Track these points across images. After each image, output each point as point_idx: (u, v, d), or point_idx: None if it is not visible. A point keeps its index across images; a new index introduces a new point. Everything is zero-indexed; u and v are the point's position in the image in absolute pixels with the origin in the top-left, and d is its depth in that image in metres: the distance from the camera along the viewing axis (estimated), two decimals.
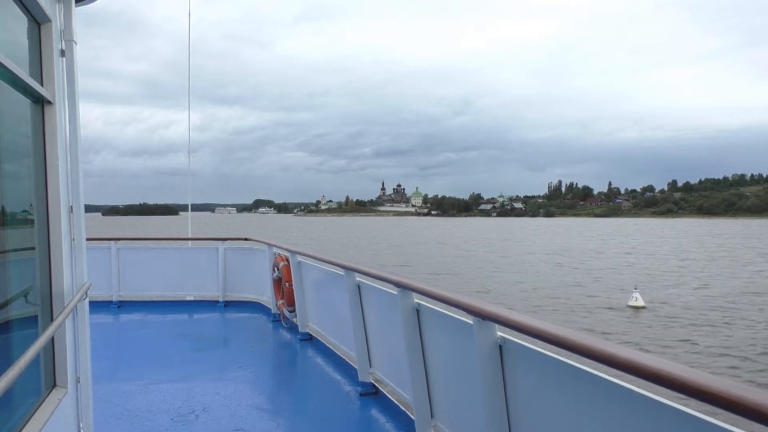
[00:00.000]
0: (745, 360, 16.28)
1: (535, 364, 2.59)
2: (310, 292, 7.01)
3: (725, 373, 14.78)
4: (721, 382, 1.49)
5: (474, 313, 2.82)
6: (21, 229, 2.62)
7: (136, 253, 9.71)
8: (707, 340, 18.61)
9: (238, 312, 9.00)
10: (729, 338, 18.84)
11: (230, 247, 9.56)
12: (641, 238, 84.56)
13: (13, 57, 2.26)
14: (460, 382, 3.37)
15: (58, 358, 2.81)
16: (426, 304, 3.76)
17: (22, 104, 2.56)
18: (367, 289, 5.00)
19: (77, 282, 3.00)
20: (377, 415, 4.60)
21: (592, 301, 26.07)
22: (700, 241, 74.68)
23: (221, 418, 4.45)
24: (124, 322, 8.59)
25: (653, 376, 1.67)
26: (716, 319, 21.97)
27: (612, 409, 2.12)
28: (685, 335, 19.37)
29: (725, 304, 25.12)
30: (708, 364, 15.73)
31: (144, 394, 4.96)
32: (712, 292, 28.65)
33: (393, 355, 4.47)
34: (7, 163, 2.41)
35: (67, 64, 2.92)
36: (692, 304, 25.11)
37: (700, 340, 18.66)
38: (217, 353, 6.83)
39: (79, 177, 2.97)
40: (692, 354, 17.05)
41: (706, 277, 35.02)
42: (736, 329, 20.11)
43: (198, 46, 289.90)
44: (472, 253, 55.02)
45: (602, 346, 1.95)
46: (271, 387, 5.63)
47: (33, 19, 2.66)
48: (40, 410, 2.51)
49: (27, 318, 2.65)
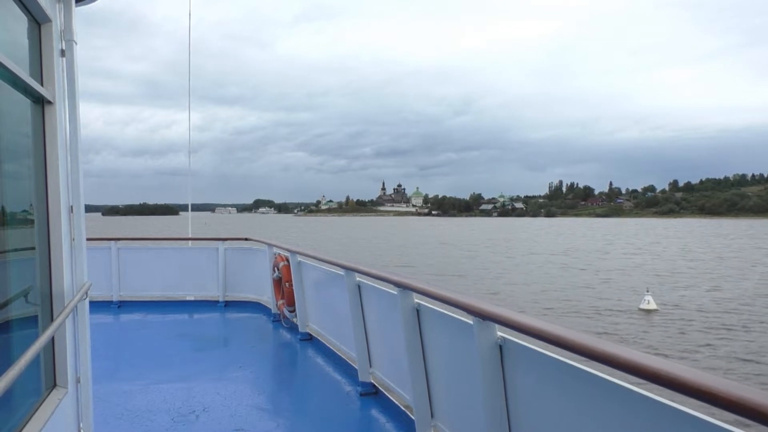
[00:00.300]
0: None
1: (535, 364, 2.59)
2: (311, 292, 7.01)
3: (753, 381, 14.18)
4: (721, 382, 1.49)
5: (474, 313, 2.82)
6: (21, 229, 2.63)
7: (137, 253, 9.71)
8: (727, 345, 18.11)
9: (239, 312, 9.01)
10: (750, 342, 18.29)
11: (230, 247, 9.59)
12: (646, 238, 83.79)
13: (13, 57, 2.28)
14: (460, 383, 3.37)
15: (59, 358, 2.82)
16: (426, 304, 3.77)
17: (23, 104, 2.57)
18: (367, 289, 5.01)
19: (77, 282, 3.02)
20: (377, 415, 4.61)
21: (603, 304, 25.76)
22: (706, 242, 74.39)
23: (221, 418, 4.46)
24: (124, 322, 8.59)
25: (653, 376, 1.66)
26: (733, 322, 21.53)
27: (612, 410, 2.11)
28: (703, 340, 18.86)
29: (740, 307, 24.77)
30: (734, 370, 15.18)
31: (144, 394, 4.97)
32: (724, 294, 28.29)
33: (393, 355, 4.49)
34: (8, 163, 2.43)
35: (68, 64, 2.93)
36: (706, 307, 24.75)
37: (720, 345, 18.12)
38: (217, 353, 6.81)
39: (79, 177, 2.99)
40: (714, 359, 16.53)
41: (717, 279, 34.69)
42: (756, 334, 19.56)
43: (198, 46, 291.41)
44: (477, 254, 54.36)
45: (602, 346, 1.94)
46: (272, 387, 5.64)
47: (33, 19, 2.67)
48: (40, 410, 2.52)
49: (27, 318, 2.67)
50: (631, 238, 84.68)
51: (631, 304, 25.08)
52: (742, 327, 20.69)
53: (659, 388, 1.67)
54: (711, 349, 17.67)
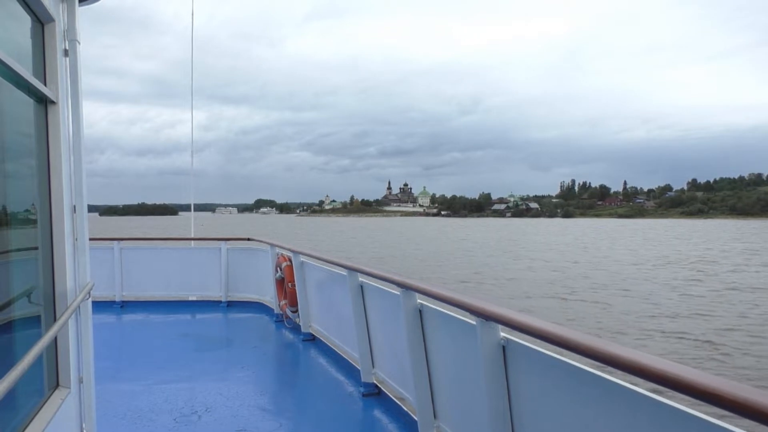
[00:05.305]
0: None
1: (538, 365, 2.59)
2: (313, 293, 7.02)
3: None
4: (726, 384, 1.48)
5: (477, 314, 2.81)
6: (24, 228, 2.63)
7: (139, 253, 9.74)
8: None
9: (241, 312, 9.04)
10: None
11: (233, 247, 9.61)
12: (701, 243, 65.23)
13: (16, 57, 2.28)
14: (463, 383, 3.37)
15: (61, 358, 2.83)
16: (429, 304, 3.77)
17: (26, 104, 2.58)
18: (369, 290, 5.01)
19: (80, 282, 3.02)
20: (380, 415, 4.61)
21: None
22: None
23: (224, 418, 4.47)
24: (127, 322, 8.60)
25: (657, 377, 1.65)
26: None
27: (616, 411, 2.11)
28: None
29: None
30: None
31: (147, 395, 4.97)
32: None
33: (396, 355, 4.49)
34: (11, 162, 2.43)
35: (71, 64, 2.93)
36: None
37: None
38: (219, 353, 6.83)
39: (82, 177, 2.99)
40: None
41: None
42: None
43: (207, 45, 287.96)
44: (532, 261, 40.97)
45: (606, 347, 1.94)
46: (274, 387, 5.65)
47: (36, 19, 2.68)
48: (43, 410, 2.52)
49: (30, 318, 2.67)
50: (686, 241, 67.40)
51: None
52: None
53: (663, 390, 1.67)
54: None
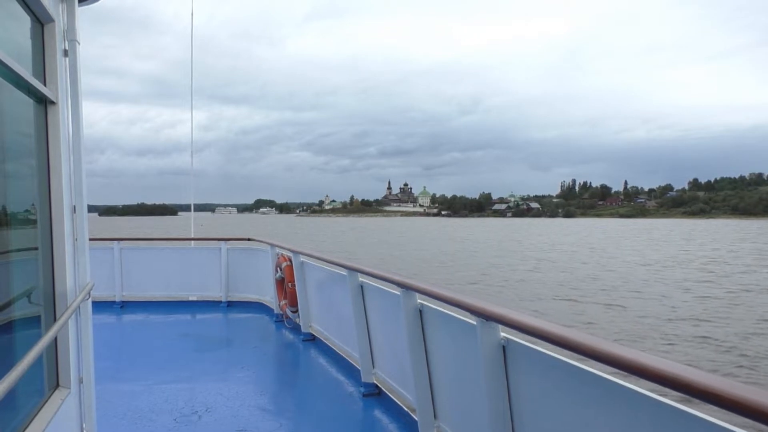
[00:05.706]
0: None
1: (538, 365, 2.59)
2: (313, 293, 7.02)
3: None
4: (725, 383, 1.49)
5: (477, 314, 2.81)
6: (24, 229, 2.63)
7: (139, 253, 9.74)
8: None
9: (241, 312, 9.04)
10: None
11: (233, 247, 9.61)
12: (708, 243, 63.97)
13: (16, 57, 2.28)
14: (464, 383, 3.37)
15: (61, 358, 2.83)
16: (429, 304, 3.77)
17: (25, 104, 2.58)
18: (370, 290, 5.01)
19: (80, 282, 3.02)
20: (380, 416, 4.61)
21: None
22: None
23: (224, 418, 4.47)
24: (127, 322, 8.61)
25: (657, 376, 1.66)
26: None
27: (616, 410, 2.11)
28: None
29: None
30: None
31: (147, 395, 4.97)
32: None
33: (396, 355, 4.49)
34: (10, 162, 2.43)
35: (70, 64, 2.93)
36: None
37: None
38: (219, 354, 6.83)
39: (82, 177, 2.99)
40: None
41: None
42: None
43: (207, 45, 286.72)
44: (538, 262, 39.75)
45: (606, 346, 1.94)
46: (274, 388, 5.65)
47: (36, 19, 2.67)
48: (43, 410, 2.53)
49: (30, 318, 2.67)
50: (693, 242, 65.34)
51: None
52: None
53: (664, 389, 1.67)
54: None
